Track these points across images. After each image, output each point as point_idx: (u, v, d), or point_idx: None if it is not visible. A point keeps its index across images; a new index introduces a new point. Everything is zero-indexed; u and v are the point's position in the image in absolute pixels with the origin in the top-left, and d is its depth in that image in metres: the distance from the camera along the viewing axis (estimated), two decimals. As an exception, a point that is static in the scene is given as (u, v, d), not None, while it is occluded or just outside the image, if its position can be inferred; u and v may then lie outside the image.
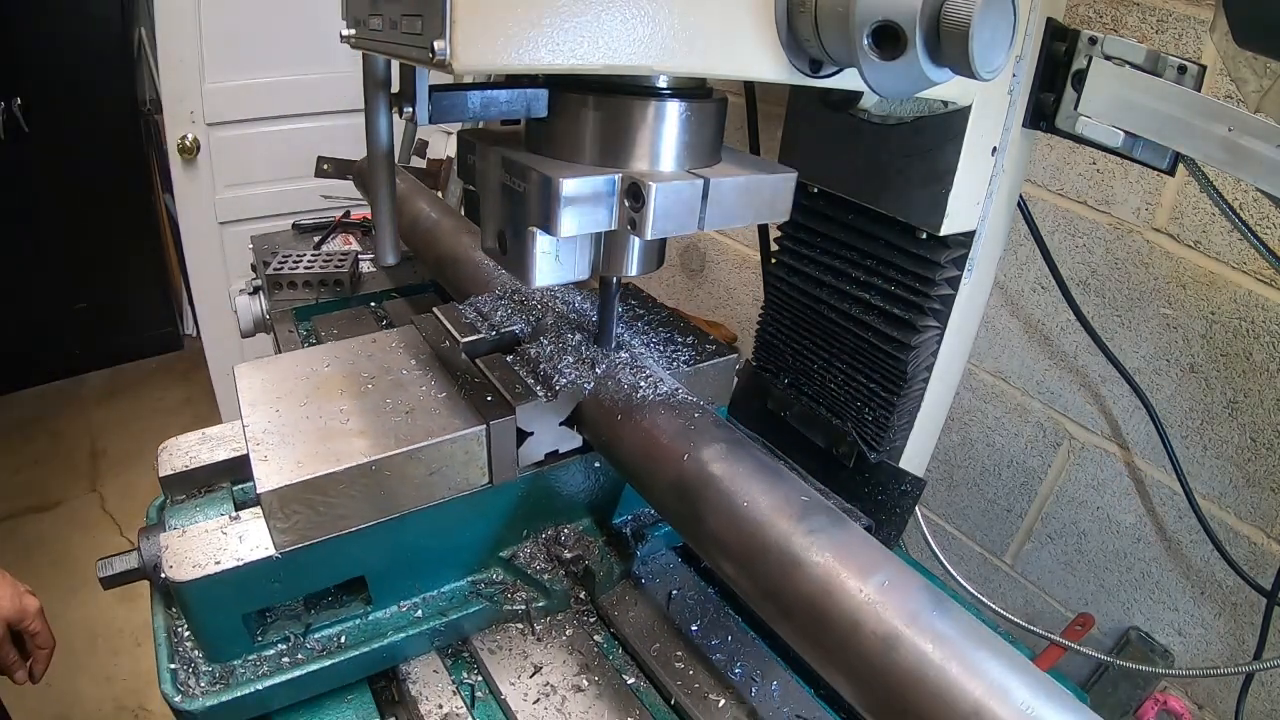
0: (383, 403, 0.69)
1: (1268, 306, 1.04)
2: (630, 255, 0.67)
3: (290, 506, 0.60)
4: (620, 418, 0.67)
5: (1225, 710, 1.21)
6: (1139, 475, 1.24)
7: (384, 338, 0.80)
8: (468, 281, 1.00)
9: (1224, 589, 1.17)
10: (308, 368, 0.74)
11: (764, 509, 0.55)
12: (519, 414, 0.68)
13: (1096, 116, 0.72)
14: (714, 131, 0.62)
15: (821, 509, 0.55)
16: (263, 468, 0.61)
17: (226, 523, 0.65)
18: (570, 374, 0.71)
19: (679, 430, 0.63)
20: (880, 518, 0.95)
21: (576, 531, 0.79)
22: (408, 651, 0.70)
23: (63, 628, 2.35)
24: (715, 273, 1.90)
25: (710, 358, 0.80)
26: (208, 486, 0.75)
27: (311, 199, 2.48)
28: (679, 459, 0.60)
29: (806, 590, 0.50)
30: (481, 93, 0.57)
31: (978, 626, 0.47)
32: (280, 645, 0.67)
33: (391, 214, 0.66)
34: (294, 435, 0.64)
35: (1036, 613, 1.45)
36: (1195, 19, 1.01)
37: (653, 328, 0.85)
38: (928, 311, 0.85)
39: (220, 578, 0.60)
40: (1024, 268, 1.29)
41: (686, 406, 0.66)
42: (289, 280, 1.28)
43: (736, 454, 0.60)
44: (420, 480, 0.66)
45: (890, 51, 0.47)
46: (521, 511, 0.76)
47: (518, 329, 0.80)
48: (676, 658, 0.71)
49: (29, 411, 3.31)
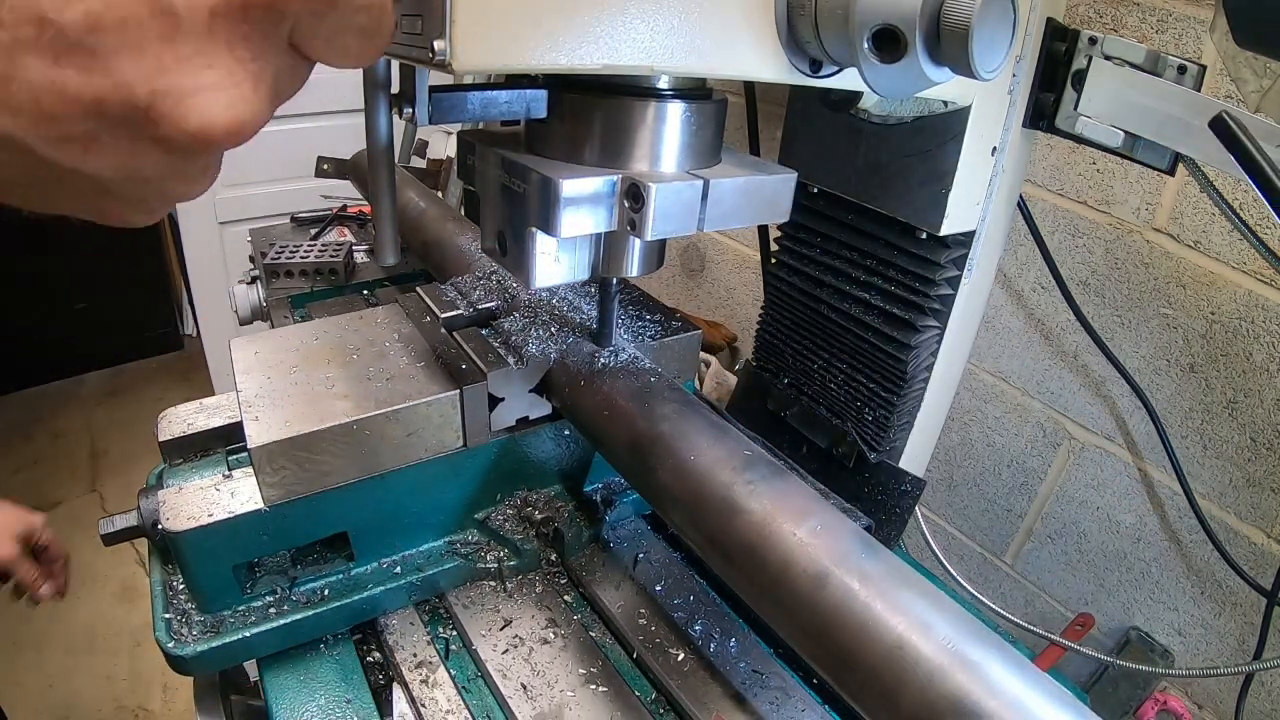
0: (366, 370, 0.74)
1: (1268, 306, 1.04)
2: (630, 256, 0.67)
3: (278, 462, 0.65)
4: (584, 384, 0.72)
5: (1225, 710, 1.21)
6: (1139, 475, 1.24)
7: (370, 314, 0.86)
8: (451, 264, 1.07)
9: (1224, 589, 1.17)
10: (299, 340, 0.79)
11: (709, 461, 0.59)
12: (490, 380, 0.73)
13: (1096, 116, 0.72)
14: (714, 132, 0.62)
15: (762, 461, 0.59)
16: (254, 426, 0.65)
17: (220, 480, 0.70)
18: (540, 345, 0.77)
19: (634, 392, 0.68)
20: (880, 518, 0.95)
21: (547, 496, 0.84)
22: (386, 605, 0.76)
23: (63, 628, 2.36)
24: (715, 273, 1.90)
25: (675, 333, 0.85)
26: (204, 451, 0.79)
27: (311, 199, 2.47)
28: (633, 418, 0.66)
29: (744, 536, 0.54)
30: (481, 93, 0.57)
31: (903, 567, 0.50)
32: (268, 597, 0.71)
33: (392, 214, 0.66)
34: (283, 399, 0.69)
35: (1036, 613, 1.45)
36: (1195, 19, 1.01)
37: (623, 306, 0.89)
38: (928, 311, 0.86)
39: (213, 529, 0.65)
40: (1024, 268, 1.29)
41: (643, 373, 0.72)
42: (285, 269, 1.32)
43: (686, 413, 0.64)
44: (399, 441, 0.71)
45: (890, 54, 0.47)
46: (495, 475, 0.80)
47: (494, 306, 0.85)
48: (640, 614, 0.76)
49: (29, 411, 3.31)
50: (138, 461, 3.01)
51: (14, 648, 2.29)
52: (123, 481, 2.94)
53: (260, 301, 1.35)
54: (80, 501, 2.86)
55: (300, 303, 1.30)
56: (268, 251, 1.36)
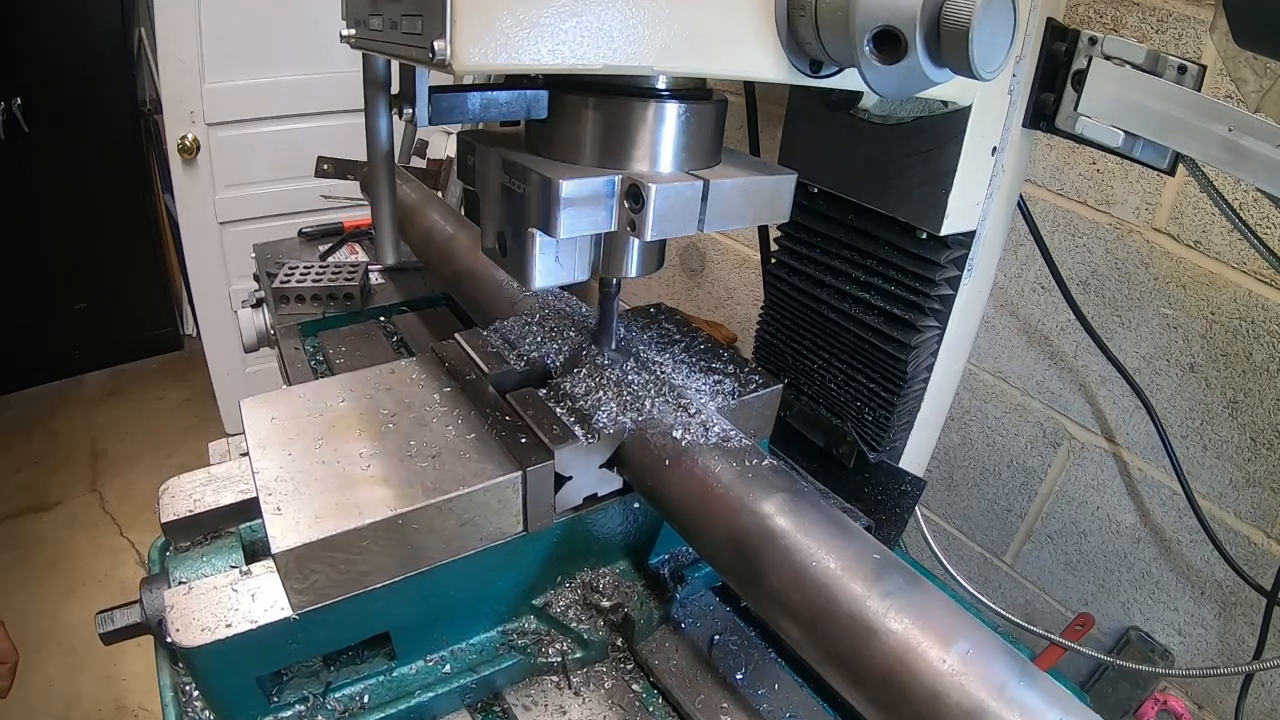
0: (406, 444, 0.64)
1: (1268, 306, 1.04)
2: (630, 256, 0.67)
3: (308, 566, 0.55)
4: (669, 463, 0.62)
5: (1225, 710, 1.21)
6: (1139, 475, 1.24)
7: (403, 368, 0.75)
8: (489, 301, 0.94)
9: (1224, 589, 1.17)
10: (321, 403, 0.68)
11: (833, 568, 0.51)
12: (558, 457, 0.63)
13: (1096, 116, 0.72)
14: (714, 133, 0.62)
15: (896, 568, 0.52)
16: (277, 523, 0.55)
17: (237, 578, 0.60)
18: (611, 411, 0.66)
19: (735, 479, 0.59)
20: (880, 518, 0.95)
21: (614, 576, 0.75)
22: (436, 710, 0.66)
23: (62, 628, 2.36)
24: (715, 273, 1.90)
25: (754, 388, 0.76)
26: (214, 532, 0.70)
27: (312, 199, 2.48)
28: (736, 511, 0.56)
29: (882, 660, 0.47)
30: (481, 94, 0.57)
31: (1065, 695, 0.45)
32: (298, 706, 0.62)
33: (392, 214, 0.66)
34: (309, 483, 0.59)
35: (1036, 613, 1.45)
36: (1195, 19, 1.01)
37: (691, 354, 0.81)
38: (928, 311, 0.85)
39: (232, 642, 0.56)
40: (1024, 268, 1.29)
41: (741, 451, 0.62)
42: (295, 294, 1.22)
43: (800, 506, 0.56)
44: (450, 532, 0.61)
45: (891, 55, 0.47)
46: (556, 557, 0.71)
47: (549, 359, 0.74)
48: (722, 709, 0.66)
49: (29, 411, 3.31)
50: (137, 461, 3.01)
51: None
52: (122, 482, 2.94)
53: (267, 327, 1.25)
54: (80, 501, 2.85)
55: (311, 330, 1.21)
56: (275, 272, 1.27)
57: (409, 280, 1.36)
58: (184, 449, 3.01)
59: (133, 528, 2.74)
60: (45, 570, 2.55)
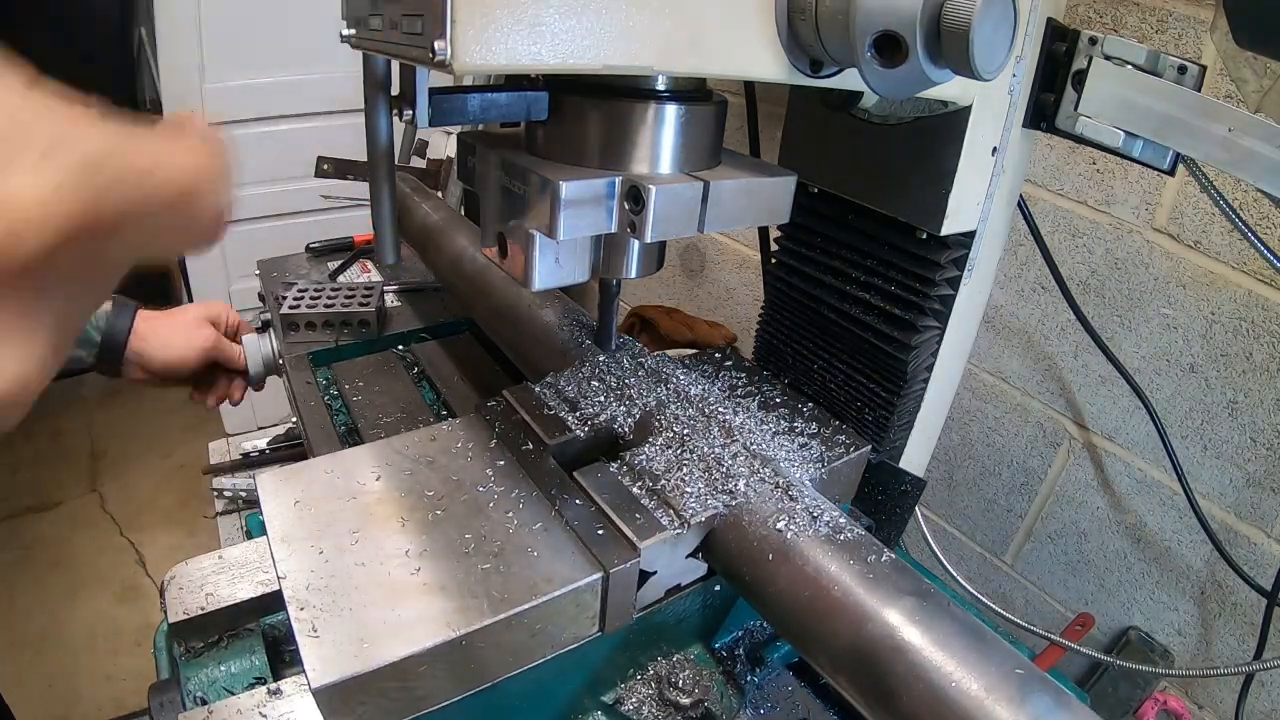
0: (460, 538, 0.55)
1: (1268, 306, 1.04)
2: (630, 257, 0.67)
3: (355, 699, 0.46)
4: (773, 558, 0.55)
5: (1225, 710, 1.21)
6: (1139, 475, 1.24)
7: (445, 434, 0.65)
8: (534, 348, 0.85)
9: (1224, 589, 1.17)
10: (352, 481, 0.58)
11: (975, 689, 0.46)
12: (644, 554, 0.55)
13: (1096, 116, 0.72)
14: (714, 134, 0.62)
15: (1041, 684, 0.47)
16: (314, 650, 0.45)
17: (264, 699, 0.52)
18: (699, 492, 0.58)
19: (855, 581, 0.52)
20: (880, 518, 0.95)
21: (692, 667, 0.67)
22: None
23: (62, 628, 2.36)
24: (715, 273, 1.90)
25: (841, 450, 0.69)
26: (231, 630, 0.62)
27: (312, 199, 2.48)
28: (859, 621, 0.51)
29: None
30: (481, 95, 0.57)
31: None
32: None
33: (392, 214, 0.66)
34: (348, 593, 0.49)
35: (1036, 613, 1.45)
36: (1195, 19, 1.01)
37: (768, 411, 0.74)
38: (928, 311, 0.85)
39: None
40: (1024, 268, 1.29)
41: (857, 545, 0.55)
42: (305, 320, 1.12)
43: (929, 612, 0.50)
44: (519, 645, 0.53)
45: (892, 58, 0.47)
46: (627, 651, 0.65)
47: (617, 423, 0.65)
48: None
49: (29, 411, 3.31)
50: (138, 462, 3.01)
51: (14, 648, 2.29)
52: (123, 481, 2.94)
53: (274, 354, 1.16)
54: (80, 501, 2.85)
55: (323, 360, 1.11)
56: (283, 295, 1.17)
57: (428, 303, 1.27)
58: (184, 449, 3.01)
59: (133, 528, 2.75)
60: (45, 570, 2.55)
